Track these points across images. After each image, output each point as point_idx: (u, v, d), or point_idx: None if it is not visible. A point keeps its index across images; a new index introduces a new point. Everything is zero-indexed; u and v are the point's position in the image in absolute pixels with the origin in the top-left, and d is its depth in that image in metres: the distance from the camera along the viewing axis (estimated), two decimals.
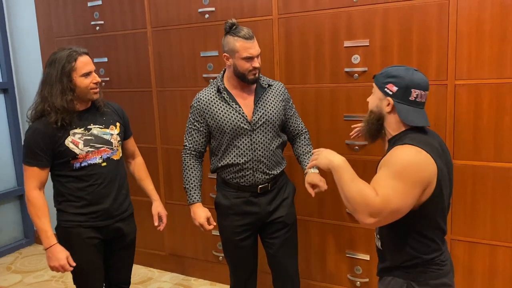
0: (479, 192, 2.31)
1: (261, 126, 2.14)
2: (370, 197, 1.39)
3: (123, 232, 2.18)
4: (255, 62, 2.08)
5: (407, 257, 1.51)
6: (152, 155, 3.29)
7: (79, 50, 1.99)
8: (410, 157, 1.41)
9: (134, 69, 3.25)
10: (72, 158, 2.00)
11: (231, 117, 2.13)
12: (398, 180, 1.39)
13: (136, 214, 2.32)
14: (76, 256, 2.02)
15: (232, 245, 2.26)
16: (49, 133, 1.96)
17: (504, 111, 2.20)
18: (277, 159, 2.21)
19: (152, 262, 3.47)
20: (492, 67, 2.20)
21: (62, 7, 3.46)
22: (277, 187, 2.24)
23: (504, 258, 2.31)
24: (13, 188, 3.94)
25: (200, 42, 2.94)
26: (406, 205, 1.40)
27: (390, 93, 1.51)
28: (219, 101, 2.15)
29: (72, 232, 2.04)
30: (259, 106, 2.15)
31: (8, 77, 3.83)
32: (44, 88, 1.98)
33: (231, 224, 2.22)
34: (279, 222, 2.23)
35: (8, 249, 3.90)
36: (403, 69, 1.53)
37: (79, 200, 2.04)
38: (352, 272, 2.73)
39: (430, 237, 1.51)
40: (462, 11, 2.22)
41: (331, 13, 2.52)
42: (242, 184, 2.18)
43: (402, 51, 2.37)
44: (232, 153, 2.15)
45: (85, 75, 1.98)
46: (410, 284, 1.51)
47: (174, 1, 2.99)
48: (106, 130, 2.10)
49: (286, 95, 2.27)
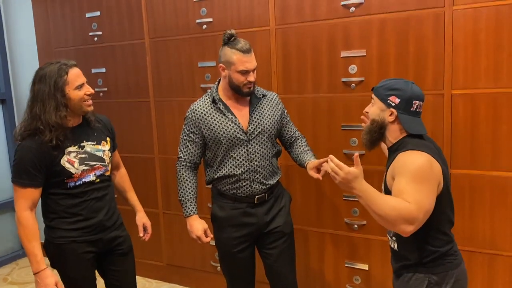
0: (477, 201, 2.31)
1: (257, 136, 2.15)
2: (405, 208, 1.44)
3: (119, 239, 2.15)
4: (250, 76, 2.07)
5: (426, 253, 1.60)
6: (150, 165, 3.28)
7: (69, 63, 1.93)
8: (419, 160, 1.51)
9: (132, 80, 3.26)
10: (67, 178, 1.95)
11: (227, 127, 2.12)
12: (419, 183, 1.47)
13: (133, 225, 2.31)
14: (71, 273, 1.99)
15: (230, 257, 2.24)
16: (44, 152, 1.89)
17: (501, 120, 2.21)
18: (273, 169, 2.22)
19: (149, 272, 3.45)
20: (488, 77, 2.21)
21: (61, 18, 3.48)
22: (273, 197, 2.24)
23: (504, 267, 2.31)
24: (10, 198, 3.92)
25: (198, 52, 2.96)
26: (433, 202, 1.51)
27: (393, 105, 1.61)
28: (214, 111, 2.15)
29: (66, 248, 1.99)
30: (255, 116, 2.16)
31: (6, 87, 3.84)
32: (35, 105, 1.89)
33: (229, 236, 2.20)
34: (277, 232, 2.22)
35: (4, 260, 3.88)
36: (402, 82, 1.65)
37: (73, 216, 1.99)
38: (351, 282, 2.72)
39: (444, 230, 1.61)
40: (458, 21, 2.24)
41: (328, 23, 2.54)
42: (239, 195, 2.17)
43: (399, 61, 2.39)
44: (229, 164, 2.14)
45: (78, 88, 1.92)
46: (431, 277, 1.59)
47: (172, 11, 3.01)
48: (98, 146, 2.06)
49: (280, 104, 2.28)
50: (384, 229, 2.32)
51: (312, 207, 2.73)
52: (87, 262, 2.04)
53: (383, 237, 2.52)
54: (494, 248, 2.31)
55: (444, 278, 1.59)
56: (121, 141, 2.43)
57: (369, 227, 2.59)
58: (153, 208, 3.30)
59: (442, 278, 1.59)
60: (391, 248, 1.75)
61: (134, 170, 3.30)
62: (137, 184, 3.36)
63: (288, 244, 2.27)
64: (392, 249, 1.73)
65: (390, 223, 1.47)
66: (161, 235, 3.33)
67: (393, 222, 1.45)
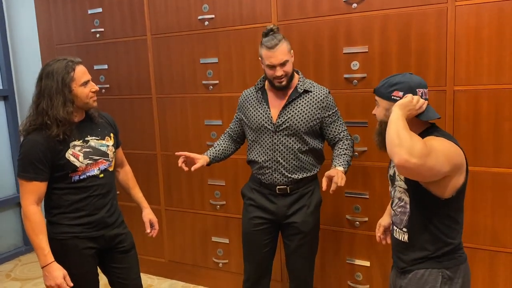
0: (479, 198, 2.31)
1: (284, 130, 2.17)
2: (419, 140, 1.43)
3: (121, 237, 2.16)
4: (277, 70, 2.10)
5: (441, 244, 1.60)
6: (152, 161, 3.29)
7: (75, 60, 1.97)
8: (450, 143, 1.53)
9: (134, 76, 3.26)
10: (71, 171, 1.97)
11: (258, 115, 2.23)
12: (441, 151, 1.46)
13: (136, 222, 2.32)
14: (73, 269, 1.99)
15: (246, 235, 2.33)
16: (50, 146, 1.91)
17: (503, 116, 2.21)
18: (300, 164, 2.19)
19: (151, 269, 3.46)
20: (491, 73, 2.21)
21: (63, 14, 3.48)
22: (299, 193, 2.22)
23: (505, 263, 2.31)
24: (13, 195, 3.94)
25: (200, 49, 2.96)
26: (437, 174, 1.47)
27: (398, 99, 1.59)
28: (254, 99, 2.28)
29: (68, 243, 2.00)
30: (287, 110, 2.17)
31: (9, 84, 3.85)
32: (42, 100, 1.92)
33: (250, 215, 2.30)
34: (294, 227, 2.24)
35: (7, 256, 3.89)
36: (400, 75, 1.65)
37: (76, 212, 2.01)
38: (353, 278, 2.72)
39: (456, 219, 1.62)
40: (461, 18, 2.23)
41: (330, 19, 2.53)
42: (263, 181, 2.25)
43: (401, 58, 2.38)
44: (255, 150, 2.25)
45: (84, 84, 1.96)
46: (444, 272, 1.60)
47: (174, 8, 3.01)
48: (102, 141, 2.08)
49: (325, 102, 2.19)
50: None
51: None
52: (89, 258, 2.05)
53: None
54: (496, 245, 2.31)
55: (456, 272, 1.60)
56: (123, 138, 2.43)
57: (370, 224, 2.59)
58: (155, 204, 3.31)
59: (454, 273, 1.60)
60: (397, 242, 1.71)
61: (136, 166, 3.31)
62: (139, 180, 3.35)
63: (305, 243, 2.25)
64: (400, 241, 1.69)
65: (399, 141, 1.43)
66: (163, 232, 3.34)
67: (402, 141, 1.42)
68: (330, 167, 2.09)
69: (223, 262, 3.11)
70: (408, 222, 1.65)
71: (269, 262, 2.36)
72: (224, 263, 3.11)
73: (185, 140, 3.13)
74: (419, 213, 1.61)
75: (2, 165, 3.88)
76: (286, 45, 2.11)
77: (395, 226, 1.73)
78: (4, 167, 3.89)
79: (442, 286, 1.59)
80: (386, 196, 2.47)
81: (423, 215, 1.60)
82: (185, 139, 3.13)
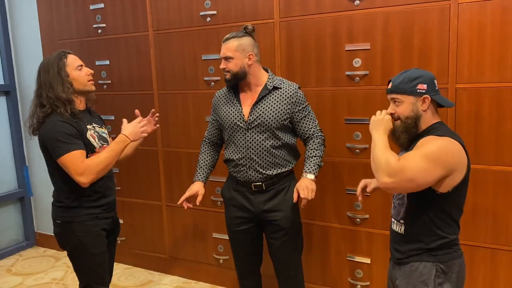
0: (480, 196, 2.31)
1: (256, 127, 2.19)
2: (392, 160, 1.56)
3: (118, 222, 2.32)
4: (222, 63, 2.19)
5: (435, 237, 1.63)
6: (153, 157, 3.29)
7: (66, 50, 2.11)
8: (439, 143, 1.57)
9: (135, 72, 3.26)
10: (90, 152, 2.05)
11: (230, 114, 2.24)
12: (425, 159, 1.53)
13: (137, 216, 2.33)
14: (94, 249, 2.08)
15: (231, 234, 2.38)
16: (73, 123, 1.99)
17: (505, 114, 2.21)
18: (274, 160, 2.21)
19: (152, 264, 3.47)
20: (493, 71, 2.20)
21: (64, 10, 3.48)
22: (275, 189, 2.24)
23: (506, 261, 2.31)
24: (14, 190, 3.95)
25: (202, 45, 2.95)
26: (425, 181, 1.55)
27: (424, 91, 1.65)
28: (227, 98, 2.30)
29: (90, 224, 2.08)
30: (257, 107, 2.19)
31: (10, 79, 3.84)
32: (44, 90, 2.02)
33: (231, 215, 2.34)
34: (275, 225, 2.24)
35: (8, 251, 3.90)
36: (413, 70, 1.70)
37: (94, 194, 2.09)
38: (353, 275, 2.73)
39: (454, 217, 1.65)
40: (463, 15, 2.23)
41: (332, 16, 2.53)
42: (239, 179, 2.27)
43: (403, 55, 2.38)
44: (230, 149, 2.28)
45: (78, 68, 2.08)
46: (438, 266, 1.63)
47: (175, 4, 3.00)
48: (102, 129, 2.21)
49: (295, 98, 2.20)
50: (387, 222, 2.32)
51: (315, 200, 2.72)
52: (104, 239, 2.16)
53: (385, 231, 2.52)
54: (497, 243, 2.31)
55: (450, 267, 1.63)
56: None
57: (371, 221, 2.59)
58: (156, 200, 3.31)
59: (449, 268, 1.63)
60: (395, 233, 1.75)
61: (137, 162, 3.31)
62: (140, 176, 3.38)
63: (287, 239, 2.26)
64: (397, 233, 1.73)
65: (375, 166, 1.60)
66: (164, 228, 3.34)
67: (378, 165, 1.59)
68: None
69: (223, 258, 3.12)
70: (405, 214, 1.70)
71: (256, 258, 2.41)
72: (224, 259, 3.12)
73: (186, 136, 3.13)
74: (415, 205, 1.66)
75: (4, 160, 3.88)
76: (238, 44, 2.14)
77: (393, 218, 1.78)
78: (6, 162, 3.90)
79: (436, 279, 1.62)
80: (386, 192, 2.47)
81: (419, 207, 1.64)
82: (186, 135, 3.13)
